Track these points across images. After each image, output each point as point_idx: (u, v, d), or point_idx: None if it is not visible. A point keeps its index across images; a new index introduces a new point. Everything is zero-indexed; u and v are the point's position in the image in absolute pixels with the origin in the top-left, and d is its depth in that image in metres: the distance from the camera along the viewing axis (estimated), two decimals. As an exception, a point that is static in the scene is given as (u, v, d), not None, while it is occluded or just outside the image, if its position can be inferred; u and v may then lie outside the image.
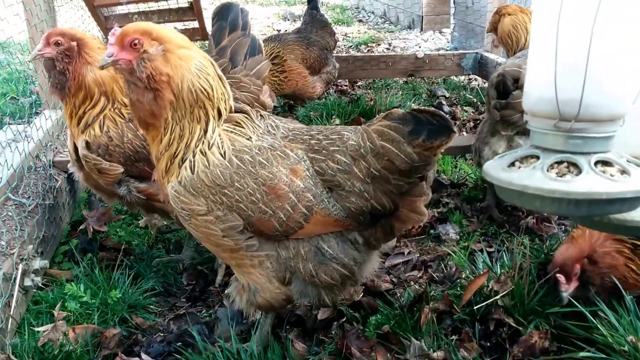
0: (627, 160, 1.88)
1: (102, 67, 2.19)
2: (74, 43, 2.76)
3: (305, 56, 5.74)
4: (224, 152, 2.17)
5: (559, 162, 1.84)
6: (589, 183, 1.75)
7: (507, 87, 3.19)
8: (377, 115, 2.28)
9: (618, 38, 1.76)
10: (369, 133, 2.20)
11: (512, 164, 1.92)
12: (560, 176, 1.80)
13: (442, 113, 2.18)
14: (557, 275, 2.47)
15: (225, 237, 2.19)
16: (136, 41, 2.07)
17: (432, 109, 2.17)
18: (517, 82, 3.15)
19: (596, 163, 1.80)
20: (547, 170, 1.83)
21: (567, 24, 1.82)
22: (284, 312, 2.69)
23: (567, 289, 2.47)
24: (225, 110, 2.23)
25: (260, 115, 2.34)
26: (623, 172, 1.78)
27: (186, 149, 2.16)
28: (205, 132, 2.16)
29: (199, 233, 2.24)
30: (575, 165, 1.80)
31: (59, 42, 2.74)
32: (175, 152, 2.16)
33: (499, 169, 1.91)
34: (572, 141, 1.82)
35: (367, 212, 2.21)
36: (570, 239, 2.59)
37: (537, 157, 1.87)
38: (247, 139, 2.22)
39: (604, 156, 1.81)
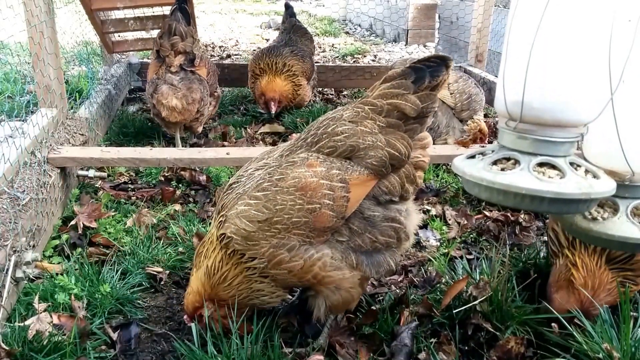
0: (586, 170, 1.98)
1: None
2: None
3: (303, 68, 5.91)
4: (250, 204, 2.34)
5: (508, 159, 1.98)
6: (513, 178, 1.88)
7: None
8: (371, 87, 2.50)
9: (558, 49, 1.86)
10: (365, 102, 2.43)
11: (474, 156, 2.07)
12: (508, 171, 1.93)
13: (439, 53, 2.49)
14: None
15: (293, 257, 2.33)
16: (200, 311, 2.51)
17: (428, 55, 2.45)
18: None
19: (541, 164, 1.92)
20: (494, 164, 1.97)
21: (515, 30, 1.94)
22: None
23: None
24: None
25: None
26: (563, 177, 1.89)
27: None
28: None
29: (274, 267, 2.36)
30: (519, 163, 1.93)
31: None
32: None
33: (461, 160, 2.08)
34: (519, 141, 1.96)
35: (387, 160, 2.38)
36: (571, 285, 2.60)
37: (492, 152, 2.03)
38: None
39: (551, 159, 1.92)
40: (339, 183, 2.31)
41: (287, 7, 6.78)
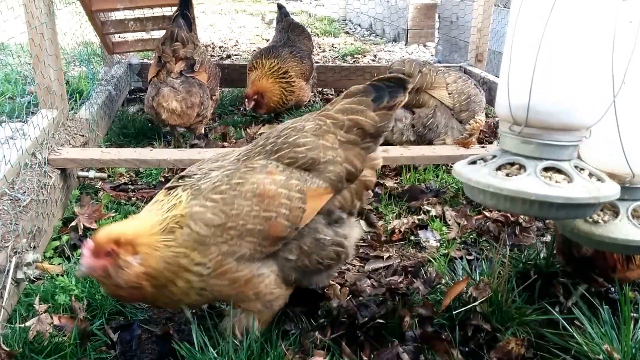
0: (590, 174, 1.97)
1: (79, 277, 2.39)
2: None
3: (302, 70, 5.90)
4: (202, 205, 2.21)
5: (512, 164, 1.96)
6: (521, 183, 1.86)
7: None
8: (332, 101, 2.53)
9: (563, 52, 1.86)
10: (327, 115, 2.44)
11: (475, 162, 2.05)
12: (513, 176, 1.91)
13: (397, 75, 2.51)
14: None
15: (240, 267, 2.23)
16: (111, 251, 2.12)
17: (388, 75, 2.50)
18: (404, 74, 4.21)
19: (547, 169, 1.90)
20: (498, 169, 1.95)
21: (519, 35, 1.93)
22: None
23: None
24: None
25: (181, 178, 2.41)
26: (570, 181, 1.88)
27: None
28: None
29: (216, 277, 2.22)
30: (525, 168, 1.91)
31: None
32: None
33: (462, 166, 2.06)
34: (524, 145, 1.94)
35: (343, 176, 2.41)
36: None
37: (494, 157, 2.01)
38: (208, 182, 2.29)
39: (556, 163, 1.91)
40: (297, 194, 2.29)
41: (280, 7, 6.82)
